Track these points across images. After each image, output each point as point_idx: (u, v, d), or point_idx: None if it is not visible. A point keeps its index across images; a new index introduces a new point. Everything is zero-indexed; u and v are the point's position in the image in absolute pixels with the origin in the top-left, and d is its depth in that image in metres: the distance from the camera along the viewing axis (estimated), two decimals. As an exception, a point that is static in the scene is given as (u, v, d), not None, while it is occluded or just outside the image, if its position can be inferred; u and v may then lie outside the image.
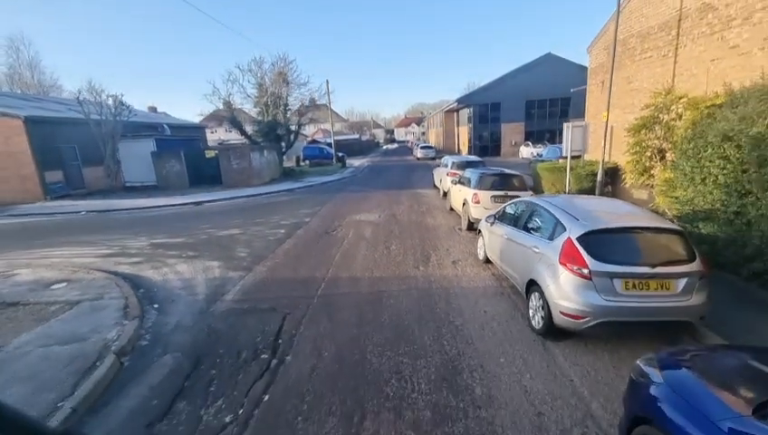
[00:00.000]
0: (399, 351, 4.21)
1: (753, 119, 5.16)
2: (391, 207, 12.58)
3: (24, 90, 36.41)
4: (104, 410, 3.47)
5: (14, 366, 4.03)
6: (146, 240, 9.55)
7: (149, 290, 6.19)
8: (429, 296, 5.61)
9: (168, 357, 4.32)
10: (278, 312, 5.29)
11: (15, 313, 5.39)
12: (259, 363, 4.11)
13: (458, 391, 3.52)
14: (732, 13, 7.45)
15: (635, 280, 3.74)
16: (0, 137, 15.92)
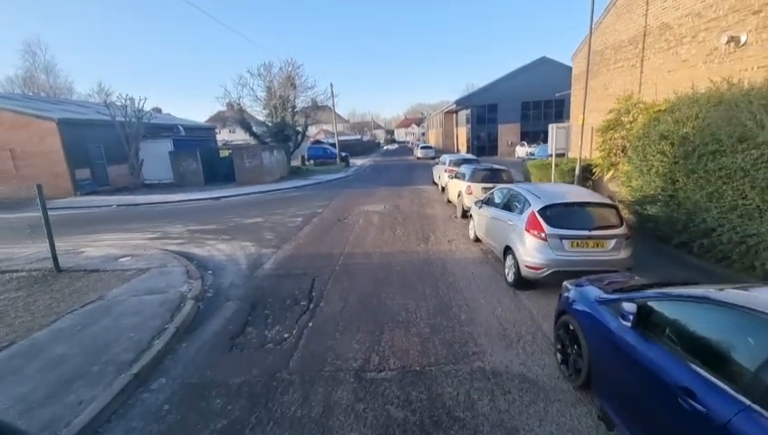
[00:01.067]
0: (406, 296, 5.61)
1: (683, 122, 6.57)
2: (395, 201, 13.98)
3: (39, 92, 37.83)
4: (197, 332, 4.87)
5: (120, 307, 5.42)
6: (181, 227, 10.95)
7: (201, 262, 7.58)
8: (429, 264, 7.01)
9: (230, 303, 5.72)
10: (308, 275, 6.68)
11: (100, 276, 6.79)
12: (300, 306, 5.49)
13: (449, 317, 4.92)
14: (683, 32, 8.87)
15: (577, 240, 5.14)
16: (35, 137, 17.35)
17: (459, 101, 38.42)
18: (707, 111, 6.19)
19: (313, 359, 4.14)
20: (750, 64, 7.18)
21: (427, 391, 3.54)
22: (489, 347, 4.22)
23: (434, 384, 3.63)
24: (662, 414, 2.31)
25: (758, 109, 5.15)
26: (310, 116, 28.00)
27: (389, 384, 3.66)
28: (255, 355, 4.28)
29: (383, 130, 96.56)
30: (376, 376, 3.80)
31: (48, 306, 5.52)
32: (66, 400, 3.46)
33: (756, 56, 7.08)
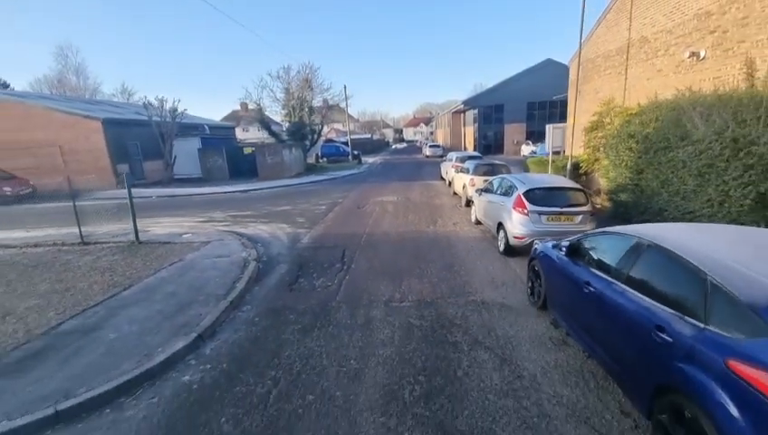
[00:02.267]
0: (419, 261, 7.18)
1: (647, 123, 8.02)
2: (406, 193, 15.55)
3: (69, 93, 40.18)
4: (262, 281, 6.50)
5: (200, 265, 7.09)
6: (222, 213, 12.67)
7: (249, 238, 9.23)
8: (436, 240, 8.57)
9: (282, 265, 7.35)
10: (339, 247, 8.28)
11: (172, 247, 8.48)
12: (336, 267, 7.08)
13: (452, 272, 6.49)
14: (658, 45, 10.27)
15: (552, 215, 6.66)
16: (82, 136, 19.30)
17: (467, 101, 39.78)
18: (665, 114, 7.64)
19: (353, 296, 5.73)
20: (707, 75, 8.59)
21: (435, 311, 5.11)
22: (480, 289, 5.78)
23: (440, 308, 5.20)
24: (579, 304, 3.85)
25: (696, 114, 6.60)
26: (326, 116, 29.67)
27: (409, 308, 5.24)
28: (310, 294, 5.90)
29: (392, 130, 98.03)
30: (399, 304, 5.38)
31: (144, 264, 7.22)
32: (190, 313, 5.10)
33: (712, 69, 8.49)
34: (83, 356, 4.14)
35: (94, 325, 4.84)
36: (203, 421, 3.25)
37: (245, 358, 4.19)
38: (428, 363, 3.94)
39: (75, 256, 7.99)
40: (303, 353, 4.23)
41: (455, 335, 4.48)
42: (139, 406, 3.48)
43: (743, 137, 5.70)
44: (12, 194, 17.09)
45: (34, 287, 6.30)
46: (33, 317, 5.14)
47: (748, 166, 5.58)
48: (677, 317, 2.58)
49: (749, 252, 2.77)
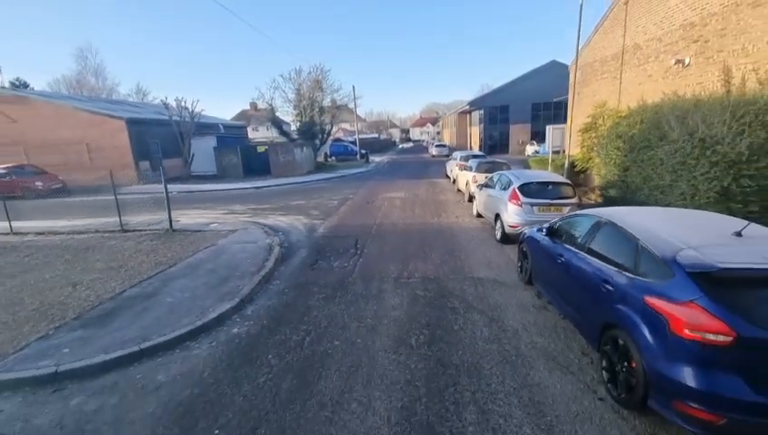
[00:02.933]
0: (424, 247, 8.05)
1: (633, 125, 8.81)
2: (412, 190, 16.43)
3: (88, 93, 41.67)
4: (287, 262, 7.43)
5: (231, 249, 8.04)
6: (242, 207, 13.66)
7: (270, 227, 10.17)
8: (440, 231, 9.43)
9: (302, 250, 8.27)
10: (352, 236, 9.18)
11: (203, 234, 9.45)
12: (350, 252, 7.98)
13: (453, 256, 7.36)
14: (649, 52, 11.02)
15: (543, 206, 7.49)
16: (107, 134, 20.47)
17: (473, 102, 40.49)
18: (648, 117, 8.43)
19: (367, 274, 6.63)
20: (691, 81, 9.34)
21: (437, 285, 5.99)
22: (477, 269, 6.65)
23: (442, 283, 6.08)
24: (554, 273, 4.70)
25: (672, 117, 7.39)
26: (335, 116, 30.61)
27: (415, 283, 6.13)
28: (329, 272, 6.81)
29: (399, 129, 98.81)
30: (406, 281, 6.27)
31: (182, 248, 8.20)
32: (229, 285, 6.04)
33: (695, 75, 9.25)
34: (150, 314, 5.09)
35: (152, 292, 5.81)
36: (253, 357, 4.17)
37: (281, 317, 5.12)
38: (431, 321, 4.82)
39: (118, 242, 9.01)
40: (328, 314, 5.14)
41: (453, 302, 5.36)
42: (201, 347, 4.42)
43: (709, 138, 6.49)
44: (43, 188, 18.26)
45: (91, 265, 7.30)
46: (99, 286, 6.13)
47: (713, 163, 6.37)
48: (617, 272, 3.44)
49: (672, 225, 3.62)
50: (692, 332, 2.61)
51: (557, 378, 3.63)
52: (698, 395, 2.55)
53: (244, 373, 3.88)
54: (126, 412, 3.37)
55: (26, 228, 10.56)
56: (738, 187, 6.18)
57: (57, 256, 8.09)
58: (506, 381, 3.60)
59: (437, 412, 3.22)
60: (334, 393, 3.52)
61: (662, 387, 2.76)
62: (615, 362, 3.27)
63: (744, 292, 2.62)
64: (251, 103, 64.77)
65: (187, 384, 3.73)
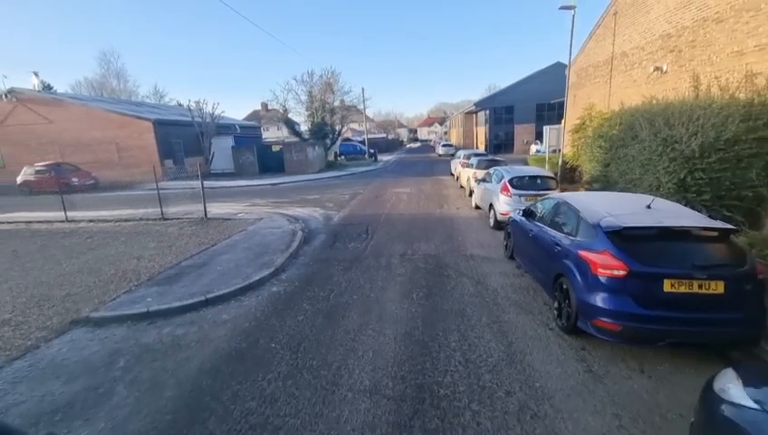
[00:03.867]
0: (427, 232, 9.28)
1: (613, 126, 9.92)
2: (418, 186, 17.65)
3: (109, 95, 43.70)
4: (309, 244, 8.72)
5: (260, 233, 9.37)
6: (262, 200, 15.02)
7: (292, 217, 11.49)
8: (442, 219, 10.65)
9: (321, 235, 9.56)
10: (363, 224, 10.45)
11: (233, 222, 10.81)
12: (363, 236, 9.24)
13: (451, 239, 8.59)
14: (634, 59, 12.09)
15: (529, 197, 8.67)
16: (135, 134, 22.08)
17: (478, 103, 41.50)
18: (625, 119, 9.54)
19: (377, 252, 7.88)
20: (668, 86, 10.40)
21: (436, 260, 7.22)
22: (471, 248, 7.86)
23: (440, 258, 7.31)
24: (526, 244, 5.90)
25: (643, 119, 8.50)
26: (346, 117, 31.95)
27: (417, 259, 7.36)
28: (345, 251, 8.08)
29: (406, 129, 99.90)
30: (411, 257, 7.51)
31: (218, 232, 9.55)
32: (264, 258, 7.35)
33: (672, 81, 10.31)
34: (205, 277, 6.42)
35: (203, 263, 7.15)
36: (292, 305, 5.46)
37: (309, 281, 6.40)
38: (429, 283, 6.06)
39: (162, 227, 10.42)
40: (347, 278, 6.41)
41: (448, 271, 6.59)
42: (251, 299, 5.72)
43: (670, 137, 7.61)
44: (79, 184, 19.87)
45: (145, 245, 8.69)
46: (159, 259, 7.50)
47: (672, 159, 7.49)
48: (565, 236, 4.64)
49: (606, 202, 4.82)
50: (603, 270, 3.81)
51: (521, 318, 4.85)
52: (606, 312, 3.75)
53: (287, 314, 5.16)
54: (205, 335, 4.68)
55: (77, 217, 12.05)
56: (692, 179, 7.29)
57: (113, 238, 9.52)
58: (483, 319, 4.82)
59: (430, 335, 4.47)
60: (355, 325, 4.79)
61: (585, 311, 3.97)
62: (561, 301, 4.48)
63: (636, 242, 3.81)
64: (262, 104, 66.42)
65: (246, 320, 5.04)
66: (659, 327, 3.61)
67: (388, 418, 3.18)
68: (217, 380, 3.79)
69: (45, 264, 7.65)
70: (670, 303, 3.58)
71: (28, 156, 21.98)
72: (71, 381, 3.86)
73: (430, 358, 4.02)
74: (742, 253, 3.77)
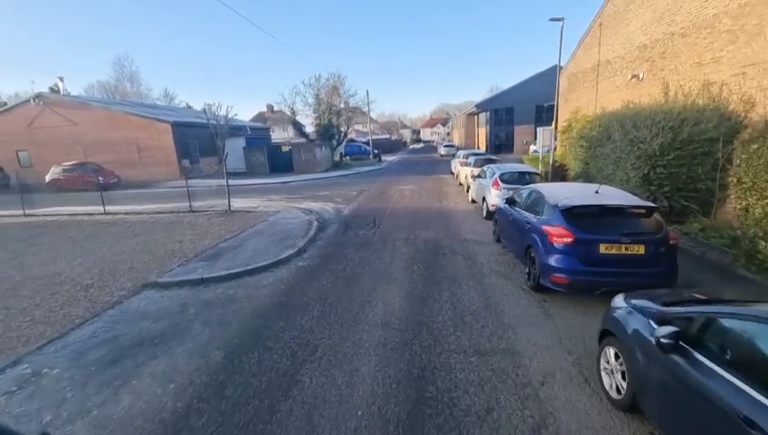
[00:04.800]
0: (428, 222, 10.55)
1: (593, 128, 11.14)
2: (420, 183, 18.92)
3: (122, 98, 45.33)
4: (324, 231, 10.01)
5: (281, 223, 10.66)
6: (277, 196, 16.34)
7: (306, 209, 12.79)
8: (441, 212, 11.91)
9: (334, 224, 10.84)
10: (371, 216, 11.71)
11: (255, 214, 12.11)
12: (371, 226, 10.51)
13: (449, 227, 9.85)
14: (616, 67, 13.30)
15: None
16: (154, 135, 23.49)
17: (480, 104, 42.71)
18: (603, 122, 10.75)
19: (384, 237, 9.15)
20: (644, 93, 11.60)
21: (434, 243, 8.47)
22: (464, 234, 9.11)
23: (438, 242, 8.56)
24: (508, 227, 7.14)
25: (615, 122, 9.72)
26: (351, 118, 33.27)
27: (418, 242, 8.62)
28: (356, 237, 9.35)
29: (409, 130, 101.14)
30: (413, 241, 8.76)
31: (244, 222, 10.85)
32: (288, 242, 8.63)
33: (647, 88, 11.51)
34: (242, 255, 7.71)
35: (237, 245, 8.45)
36: (316, 275, 6.73)
37: (328, 258, 7.68)
38: (428, 259, 7.32)
39: (193, 218, 11.75)
40: (359, 256, 7.68)
41: (444, 251, 7.85)
42: (282, 271, 7.00)
43: (636, 138, 8.83)
44: (103, 182, 21.18)
45: (182, 232, 10.01)
46: (198, 242, 8.81)
47: (638, 157, 8.71)
48: (533, 216, 5.90)
49: (567, 190, 6.07)
50: (557, 238, 5.06)
51: (500, 281, 6.10)
52: (558, 269, 5.00)
53: (313, 280, 6.45)
54: (251, 294, 5.96)
55: (113, 211, 13.41)
56: (654, 174, 8.51)
57: (152, 227, 10.85)
58: (470, 283, 6.08)
59: (427, 293, 5.74)
60: (368, 287, 6.06)
61: (544, 270, 5.21)
62: (530, 266, 5.73)
63: (581, 217, 5.06)
64: (267, 105, 67.76)
65: (281, 284, 6.33)
66: (597, 279, 4.85)
67: (396, 339, 4.45)
68: (267, 320, 5.08)
69: (101, 246, 8.98)
70: (605, 261, 4.82)
71: (53, 156, 23.41)
72: (156, 321, 5.16)
73: (427, 306, 5.29)
74: (660, 224, 5.00)
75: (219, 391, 3.64)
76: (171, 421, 3.28)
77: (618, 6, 13.05)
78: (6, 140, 24.59)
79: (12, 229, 11.41)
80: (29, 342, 4.70)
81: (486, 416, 3.20)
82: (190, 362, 4.16)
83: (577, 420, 3.13)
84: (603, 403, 3.31)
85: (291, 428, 3.15)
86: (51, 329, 4.99)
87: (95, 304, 5.72)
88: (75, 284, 6.57)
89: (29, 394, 3.72)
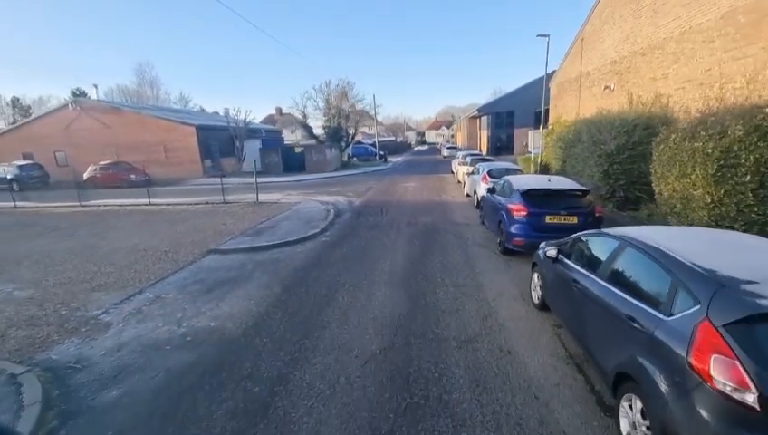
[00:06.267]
0: (428, 211, 12.48)
1: (569, 131, 13.02)
2: (423, 181, 20.87)
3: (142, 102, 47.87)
4: (339, 217, 11.99)
5: (303, 211, 12.66)
6: (295, 192, 18.37)
7: (322, 202, 14.77)
8: (440, 203, 13.84)
9: (348, 213, 12.81)
10: (379, 206, 13.67)
11: (279, 205, 14.12)
12: (379, 214, 12.44)
13: (445, 215, 11.79)
14: (593, 78, 15.16)
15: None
16: (180, 137, 25.71)
17: (481, 108, 44.57)
18: (577, 127, 12.63)
19: (390, 222, 11.09)
20: (614, 102, 13.46)
21: (432, 226, 10.41)
22: (457, 219, 11.04)
23: (434, 225, 10.50)
24: (489, 211, 9.06)
25: (584, 127, 11.58)
26: (359, 121, 35.33)
27: (419, 225, 10.56)
28: (367, 221, 11.31)
29: (414, 132, 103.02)
30: (414, 224, 10.70)
31: (270, 210, 12.86)
32: (311, 224, 10.62)
33: (617, 97, 13.37)
34: (277, 233, 9.70)
35: (272, 226, 10.45)
36: (337, 246, 8.70)
37: (345, 236, 9.65)
38: (425, 236, 9.26)
39: (227, 208, 13.80)
40: (370, 235, 9.64)
41: (439, 230, 9.78)
42: (310, 244, 8.97)
43: (599, 140, 10.70)
44: (135, 180, 23.49)
45: (222, 217, 12.05)
46: (239, 225, 10.82)
47: (599, 156, 10.58)
48: (504, 198, 7.82)
49: (530, 180, 7.99)
50: (517, 213, 6.98)
51: (479, 249, 8.02)
52: (518, 235, 6.91)
53: (335, 249, 8.42)
54: (291, 257, 7.94)
55: (156, 202, 15.51)
56: (612, 170, 10.36)
57: (195, 214, 12.91)
58: (455, 250, 8.01)
59: (423, 256, 7.67)
60: (378, 253, 8.01)
61: (508, 237, 7.12)
62: (500, 236, 7.65)
63: (534, 197, 6.97)
64: (276, 108, 69.91)
65: (312, 251, 8.30)
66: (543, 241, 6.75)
67: (398, 280, 6.40)
68: (306, 271, 7.05)
69: (160, 228, 11.04)
70: (549, 228, 6.73)
71: (87, 156, 25.71)
72: (227, 271, 7.16)
73: (422, 264, 7.23)
74: (590, 202, 6.90)
75: (284, 304, 5.62)
76: (258, 315, 5.27)
77: (595, 25, 14.94)
78: (46, 141, 26.97)
79: (78, 216, 13.55)
80: (141, 282, 6.72)
81: (455, 313, 5.13)
82: (259, 291, 6.14)
83: (510, 314, 5.06)
84: (530, 307, 5.24)
85: (332, 319, 5.10)
86: (153, 276, 7.01)
87: (177, 263, 7.73)
88: (155, 251, 8.61)
89: (159, 306, 5.72)
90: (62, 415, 3.44)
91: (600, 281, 3.50)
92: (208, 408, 3.48)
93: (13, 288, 6.65)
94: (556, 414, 3.26)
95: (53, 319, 5.37)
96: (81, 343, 4.67)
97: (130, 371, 4.09)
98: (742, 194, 5.73)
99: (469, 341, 4.46)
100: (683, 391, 2.30)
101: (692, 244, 3.14)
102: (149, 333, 4.90)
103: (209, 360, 4.25)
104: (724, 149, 5.77)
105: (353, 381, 3.79)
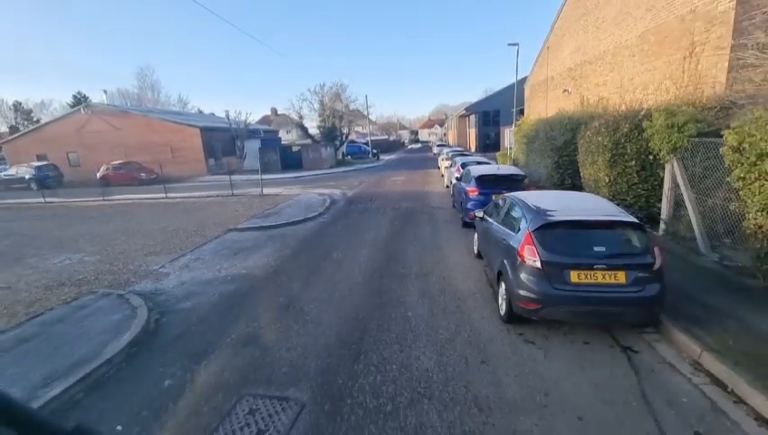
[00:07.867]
0: (410, 198, 14.52)
1: (531, 129, 15.12)
2: (411, 175, 22.93)
3: (143, 105, 49.48)
4: (335, 205, 14.00)
5: (302, 201, 14.67)
6: (294, 186, 20.33)
7: (319, 193, 16.75)
8: (422, 193, 15.89)
9: (341, 202, 14.83)
10: (369, 196, 15.68)
11: (281, 196, 16.10)
12: (368, 202, 14.47)
13: (424, 201, 13.86)
14: (557, 82, 17.27)
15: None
16: (186, 138, 27.54)
17: (469, 108, 46.72)
18: (537, 125, 14.72)
19: (377, 208, 13.11)
20: (571, 103, 15.56)
21: (412, 209, 12.45)
22: (433, 204, 13.10)
23: (415, 209, 12.54)
24: (457, 194, 11.12)
25: (541, 126, 13.66)
26: (353, 121, 37.29)
27: (401, 209, 12.59)
28: (357, 208, 13.33)
29: (408, 131, 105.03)
30: (397, 209, 12.73)
31: (274, 201, 14.84)
32: (311, 210, 12.63)
33: (574, 99, 15.46)
34: (282, 216, 11.70)
35: (277, 212, 12.44)
36: (333, 224, 10.72)
37: (339, 217, 11.66)
38: (405, 217, 11.30)
39: (235, 200, 15.76)
40: (360, 217, 11.66)
41: (417, 213, 11.83)
42: (311, 223, 10.98)
43: (551, 137, 12.80)
44: (145, 178, 25.32)
45: (233, 206, 14.02)
46: (248, 211, 12.80)
47: (552, 150, 12.67)
48: (463, 184, 9.88)
49: (484, 169, 10.07)
50: (471, 193, 9.05)
51: (446, 226, 10.07)
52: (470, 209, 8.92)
53: (331, 227, 10.43)
54: (296, 232, 9.95)
55: (171, 196, 17.42)
56: (561, 161, 12.45)
57: (208, 205, 14.87)
58: (427, 226, 10.05)
59: (401, 230, 9.71)
60: (365, 228, 10.03)
61: (465, 212, 9.18)
62: (462, 214, 9.70)
63: (485, 181, 9.04)
64: (271, 109, 71.60)
65: (312, 229, 10.31)
66: (491, 215, 8.83)
67: (380, 244, 8.43)
68: (309, 241, 9.06)
69: (181, 216, 12.98)
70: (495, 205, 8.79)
71: (98, 157, 27.45)
72: (246, 242, 9.15)
73: (399, 236, 9.26)
74: (527, 184, 8.98)
75: (293, 260, 7.64)
76: (276, 265, 7.29)
77: (557, 36, 17.05)
78: (59, 143, 28.67)
79: (105, 209, 15.46)
80: (182, 249, 8.70)
81: (418, 262, 7.18)
82: (273, 253, 8.15)
83: (456, 261, 7.12)
84: (471, 257, 7.31)
85: (328, 269, 7.11)
86: (189, 245, 9.00)
87: (205, 238, 9.71)
88: (184, 231, 10.58)
89: (201, 262, 7.72)
90: (159, 313, 5.44)
91: (496, 224, 5.57)
92: (251, 309, 5.50)
93: (82, 255, 8.61)
94: (469, 303, 5.32)
95: (126, 271, 7.35)
96: (155, 281, 6.68)
97: (194, 294, 6.11)
98: (629, 175, 7.83)
99: (424, 275, 6.52)
100: (514, 267, 4.37)
101: (543, 198, 5.20)
102: (200, 276, 6.90)
103: (246, 288, 6.27)
104: (615, 142, 7.86)
105: (344, 295, 5.83)
